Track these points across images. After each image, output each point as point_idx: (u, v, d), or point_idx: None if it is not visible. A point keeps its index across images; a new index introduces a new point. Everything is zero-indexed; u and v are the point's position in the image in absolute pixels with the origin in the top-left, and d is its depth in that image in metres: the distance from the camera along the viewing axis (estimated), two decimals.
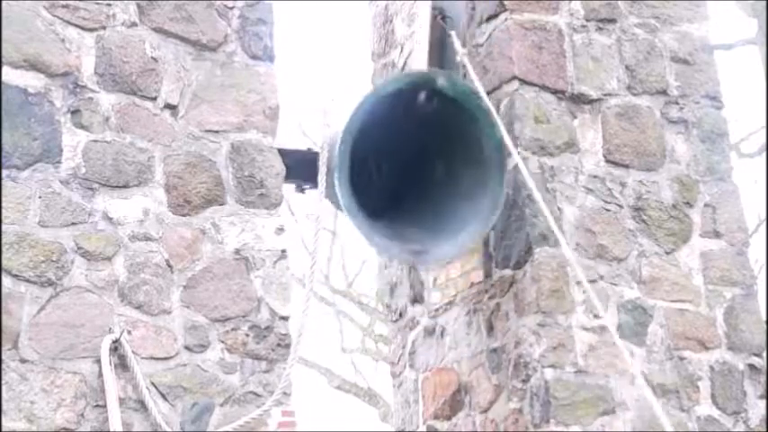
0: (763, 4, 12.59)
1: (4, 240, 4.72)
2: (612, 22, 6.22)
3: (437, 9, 6.07)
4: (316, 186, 5.50)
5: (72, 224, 4.88)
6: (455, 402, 6.10)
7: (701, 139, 6.24)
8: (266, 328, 5.10)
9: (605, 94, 6.09)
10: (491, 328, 5.86)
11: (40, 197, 4.84)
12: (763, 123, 14.35)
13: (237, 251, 5.15)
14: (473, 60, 6.08)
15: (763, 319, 6.15)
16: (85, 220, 4.91)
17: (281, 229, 5.27)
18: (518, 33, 5.96)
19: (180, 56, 5.28)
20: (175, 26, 5.29)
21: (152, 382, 4.84)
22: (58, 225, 4.85)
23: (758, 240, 13.84)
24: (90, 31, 5.13)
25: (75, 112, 5.01)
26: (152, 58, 5.22)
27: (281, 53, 5.52)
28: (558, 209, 5.76)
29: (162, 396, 4.85)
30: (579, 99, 6.02)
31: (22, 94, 4.92)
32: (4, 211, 4.75)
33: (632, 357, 5.65)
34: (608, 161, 5.99)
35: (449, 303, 6.22)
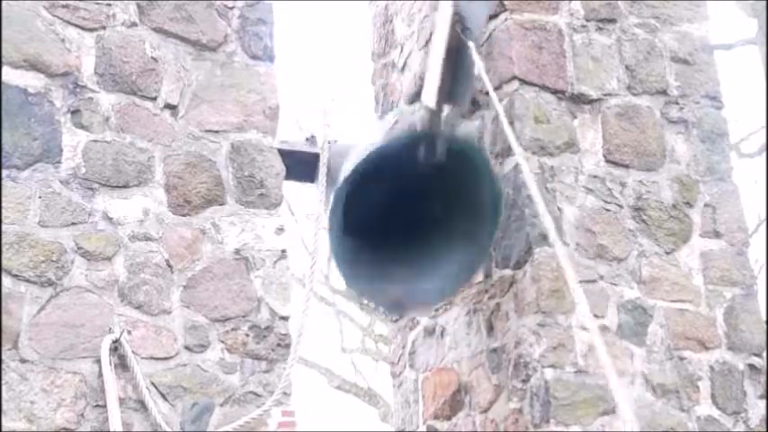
0: (763, 4, 12.59)
1: (4, 240, 4.72)
2: (612, 22, 6.22)
3: (457, 17, 5.99)
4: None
5: (72, 224, 4.88)
6: (455, 402, 6.10)
7: (701, 139, 6.24)
8: (266, 328, 5.10)
9: (605, 94, 6.09)
10: (491, 328, 5.86)
11: (40, 197, 4.84)
12: (763, 123, 14.34)
13: (237, 251, 5.15)
14: None
15: (763, 319, 6.14)
16: (85, 220, 4.91)
17: (281, 229, 5.26)
18: (518, 33, 5.96)
19: (180, 56, 5.28)
20: (175, 26, 5.29)
21: (152, 382, 4.84)
22: (58, 225, 4.85)
23: (758, 240, 13.84)
24: (90, 31, 5.13)
25: (75, 112, 5.01)
26: (152, 58, 5.22)
27: (281, 53, 5.54)
28: (558, 209, 5.76)
29: (162, 396, 4.85)
30: (579, 99, 6.01)
31: (22, 94, 4.92)
32: (4, 211, 4.75)
33: (632, 357, 5.67)
34: (608, 161, 5.99)
35: (449, 303, 6.21)
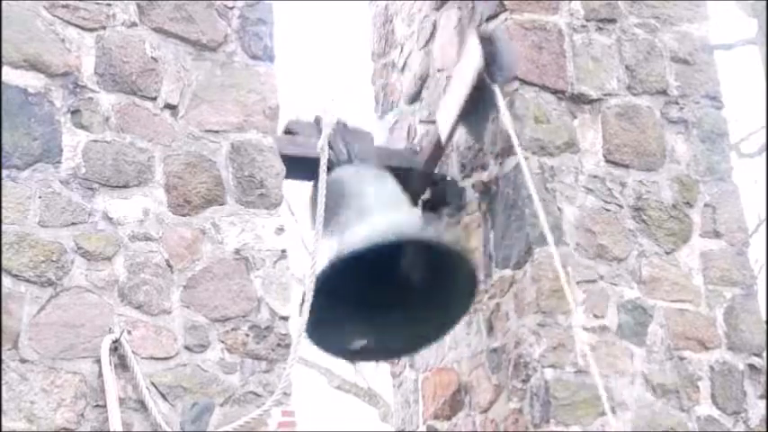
0: (763, 4, 12.59)
1: (4, 240, 4.71)
2: (612, 22, 6.22)
3: (487, 55, 5.88)
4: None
5: (72, 224, 4.88)
6: (455, 402, 6.10)
7: (701, 139, 6.24)
8: (266, 328, 5.10)
9: (605, 94, 6.08)
10: (491, 328, 5.86)
11: (40, 197, 4.84)
12: (763, 123, 14.35)
13: (237, 251, 5.15)
14: None
15: (763, 319, 6.14)
16: (85, 220, 4.91)
17: (281, 229, 5.26)
18: (518, 33, 5.95)
19: (180, 56, 5.28)
20: (175, 26, 5.29)
21: (152, 382, 4.83)
22: (58, 225, 4.85)
23: (758, 240, 13.83)
24: (90, 31, 5.12)
25: (75, 112, 5.01)
26: (152, 58, 5.21)
27: (281, 53, 5.53)
28: (558, 209, 5.76)
29: (162, 396, 4.84)
30: (579, 99, 6.01)
31: (22, 94, 4.92)
32: (4, 211, 4.74)
33: (632, 357, 5.67)
34: (608, 161, 5.99)
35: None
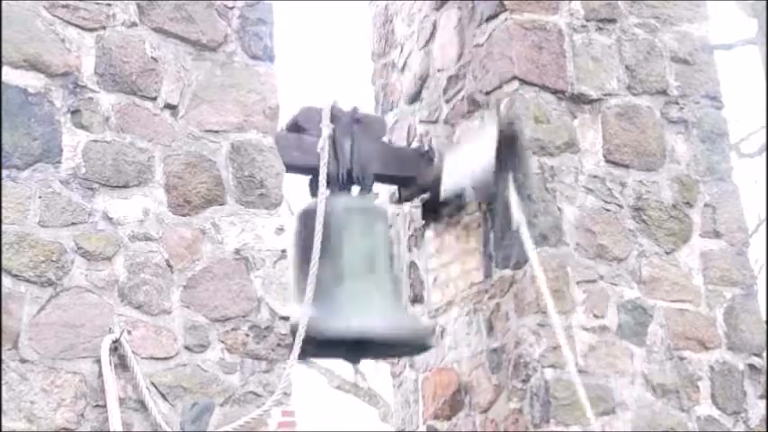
0: (763, 4, 12.60)
1: (4, 240, 4.71)
2: (612, 22, 6.22)
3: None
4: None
5: (72, 224, 4.88)
6: (455, 402, 6.10)
7: (701, 139, 6.24)
8: (266, 328, 5.10)
9: (605, 94, 6.08)
10: (491, 328, 5.86)
11: (40, 197, 4.84)
12: (763, 123, 14.35)
13: (237, 251, 5.15)
14: (474, 60, 6.09)
15: (763, 319, 6.15)
16: (85, 220, 4.91)
17: (281, 229, 5.26)
18: (518, 33, 5.95)
19: (180, 56, 5.28)
20: (175, 26, 5.29)
21: (152, 382, 4.83)
22: (58, 225, 4.85)
23: (758, 240, 13.84)
24: (90, 31, 5.12)
25: (75, 112, 5.01)
26: (152, 58, 5.21)
27: (281, 53, 5.53)
28: (558, 209, 5.76)
29: (162, 396, 4.84)
30: (579, 99, 6.01)
31: (22, 94, 4.92)
32: (4, 211, 4.74)
33: (632, 357, 5.67)
34: (608, 161, 5.99)
35: (449, 303, 6.21)
